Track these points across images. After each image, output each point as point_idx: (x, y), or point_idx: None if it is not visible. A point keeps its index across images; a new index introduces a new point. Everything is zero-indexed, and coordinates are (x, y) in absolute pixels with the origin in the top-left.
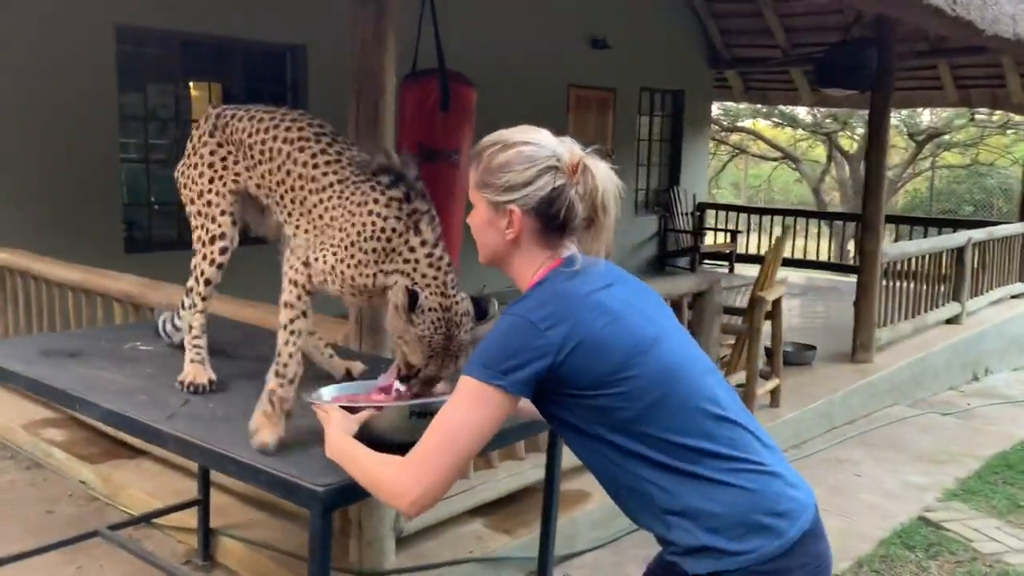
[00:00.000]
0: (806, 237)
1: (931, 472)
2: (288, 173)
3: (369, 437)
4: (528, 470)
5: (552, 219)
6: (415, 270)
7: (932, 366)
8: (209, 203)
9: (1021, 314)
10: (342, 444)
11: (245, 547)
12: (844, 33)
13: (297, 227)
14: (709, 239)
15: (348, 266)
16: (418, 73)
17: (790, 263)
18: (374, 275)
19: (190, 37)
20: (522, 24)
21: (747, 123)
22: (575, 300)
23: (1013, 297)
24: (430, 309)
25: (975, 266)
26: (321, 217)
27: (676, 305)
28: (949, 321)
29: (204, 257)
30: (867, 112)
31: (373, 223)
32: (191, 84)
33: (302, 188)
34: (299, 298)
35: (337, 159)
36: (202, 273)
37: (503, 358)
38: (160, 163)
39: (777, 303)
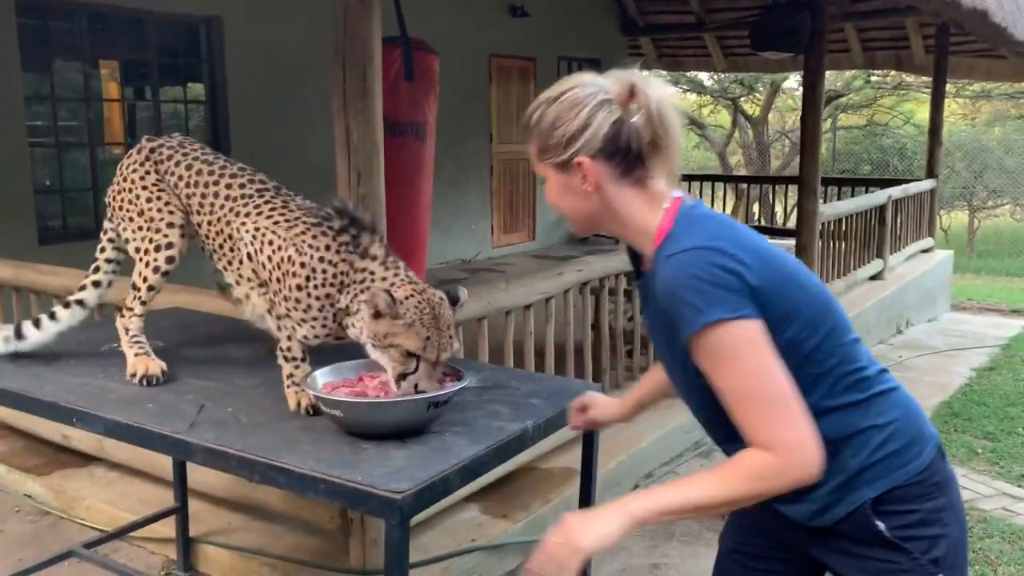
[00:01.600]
0: (712, 201)
1: None
2: (230, 229)
3: (385, 425)
4: None
5: (625, 155)
6: (373, 280)
7: (865, 322)
8: (152, 219)
9: (932, 268)
10: (655, 501)
11: (231, 554)
12: None
13: (239, 278)
14: None
15: (303, 320)
16: None
17: None
18: (332, 314)
19: (97, 9)
20: None
21: None
22: (736, 226)
23: (923, 251)
24: (407, 297)
25: (894, 223)
26: (271, 268)
27: None
28: (873, 277)
29: (147, 264)
30: (772, 77)
31: (324, 271)
32: (100, 61)
33: (249, 256)
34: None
35: (284, 205)
36: (144, 280)
37: (718, 288)
38: (71, 146)
39: None
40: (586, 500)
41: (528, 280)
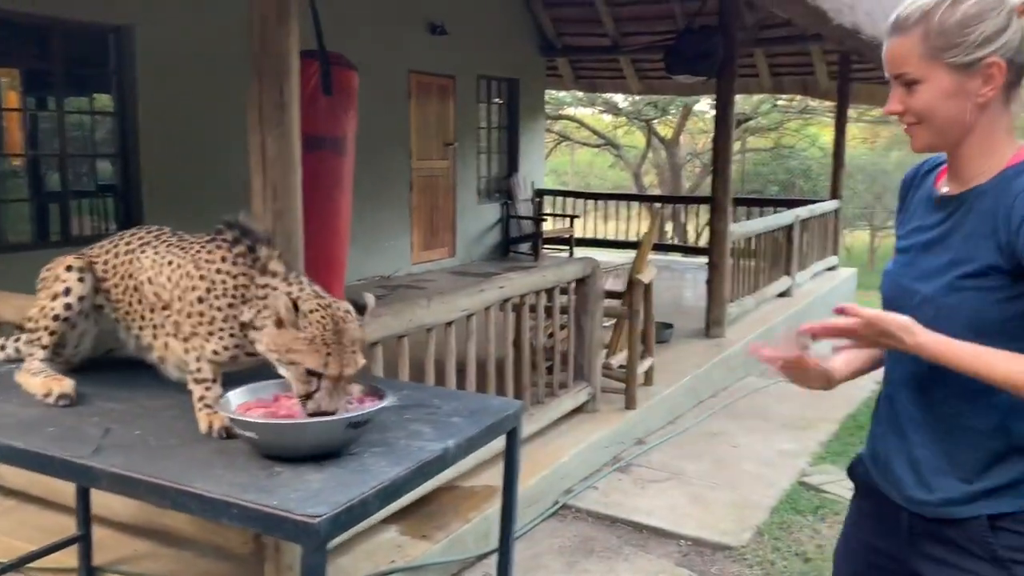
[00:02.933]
0: (627, 220)
1: (797, 438)
2: (132, 278)
3: (301, 447)
4: None
5: (1021, 69)
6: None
7: (775, 337)
8: (57, 275)
9: (838, 285)
10: (963, 347)
11: None
12: (673, 23)
13: (155, 329)
14: (548, 225)
15: (209, 334)
16: None
17: (613, 244)
18: (239, 326)
19: None
20: (360, 7)
21: (570, 111)
22: None
23: (828, 269)
24: (311, 311)
25: (801, 242)
26: (171, 288)
27: (563, 291)
28: (782, 294)
29: (46, 315)
30: (684, 100)
31: (223, 281)
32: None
33: (149, 280)
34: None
35: (180, 239)
36: (45, 328)
37: None
38: None
39: (649, 285)
40: (508, 517)
41: (450, 297)
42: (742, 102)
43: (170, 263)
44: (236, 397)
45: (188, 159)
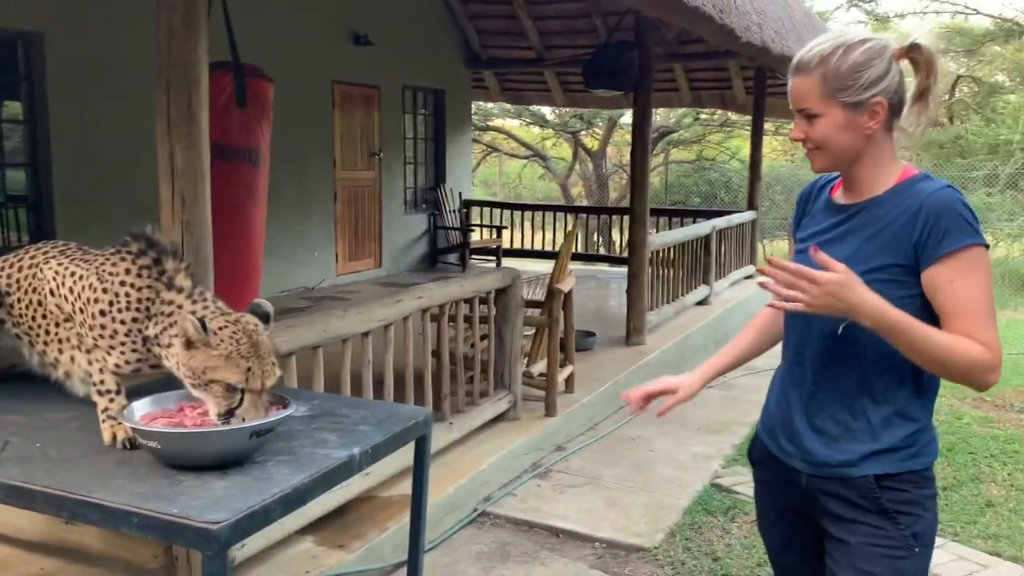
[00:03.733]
0: (554, 230)
1: (711, 442)
2: (36, 292)
3: (203, 456)
4: (355, 480)
5: (900, 104)
6: (181, 311)
7: (693, 344)
8: None
9: (755, 293)
10: (897, 315)
11: None
12: (595, 37)
13: (60, 344)
14: (476, 235)
15: (111, 347)
16: (210, 66)
17: (542, 255)
18: (142, 340)
19: None
20: (282, 17)
21: (498, 122)
22: None
23: (746, 278)
24: (221, 328)
25: (719, 251)
26: (73, 299)
27: (483, 301)
28: (700, 303)
29: None
30: (609, 113)
31: (127, 294)
32: None
33: (51, 292)
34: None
35: (84, 252)
36: None
37: (978, 222)
38: None
39: (569, 294)
40: (417, 525)
41: (365, 307)
42: (665, 115)
43: (73, 274)
44: (141, 407)
45: (102, 169)
